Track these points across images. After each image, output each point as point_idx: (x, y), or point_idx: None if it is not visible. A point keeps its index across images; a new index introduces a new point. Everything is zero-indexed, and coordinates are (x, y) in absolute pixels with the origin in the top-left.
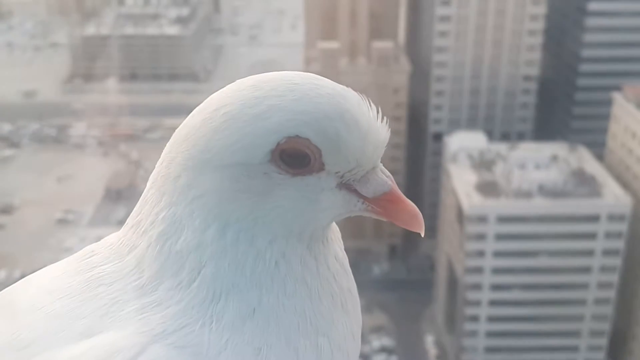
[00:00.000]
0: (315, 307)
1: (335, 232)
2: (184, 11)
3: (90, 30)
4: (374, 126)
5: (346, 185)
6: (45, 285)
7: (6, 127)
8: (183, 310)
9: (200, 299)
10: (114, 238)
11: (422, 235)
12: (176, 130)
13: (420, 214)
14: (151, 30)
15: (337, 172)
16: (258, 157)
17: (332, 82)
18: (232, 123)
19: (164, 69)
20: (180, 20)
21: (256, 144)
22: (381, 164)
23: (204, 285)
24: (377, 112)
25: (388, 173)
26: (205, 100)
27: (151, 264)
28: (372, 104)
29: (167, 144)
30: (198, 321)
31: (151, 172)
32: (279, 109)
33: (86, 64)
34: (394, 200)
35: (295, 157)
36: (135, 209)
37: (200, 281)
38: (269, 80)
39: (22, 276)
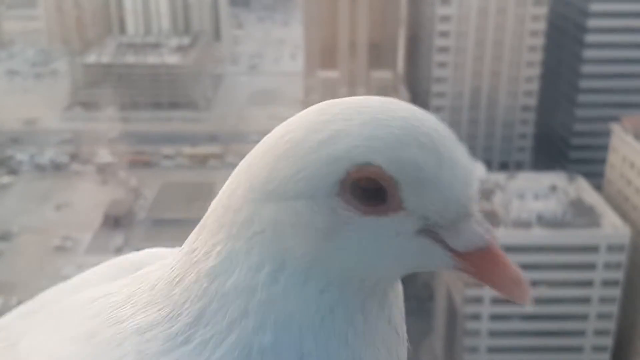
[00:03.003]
0: None
1: (397, 291)
2: (185, 40)
3: (91, 58)
4: (460, 157)
5: (431, 233)
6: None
7: (5, 154)
8: None
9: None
10: (167, 254)
11: (528, 306)
12: (245, 159)
13: (525, 280)
14: (152, 59)
15: (420, 215)
16: (325, 188)
17: (411, 105)
18: (296, 150)
19: (164, 98)
20: (180, 50)
21: (322, 174)
22: (478, 213)
23: (242, 341)
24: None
25: (487, 225)
26: (275, 127)
27: (192, 306)
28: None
29: (233, 173)
30: None
31: (151, 200)
32: (346, 134)
33: (87, 92)
34: (493, 260)
35: (369, 191)
36: (193, 232)
37: (239, 334)
38: (338, 104)
39: (20, 303)
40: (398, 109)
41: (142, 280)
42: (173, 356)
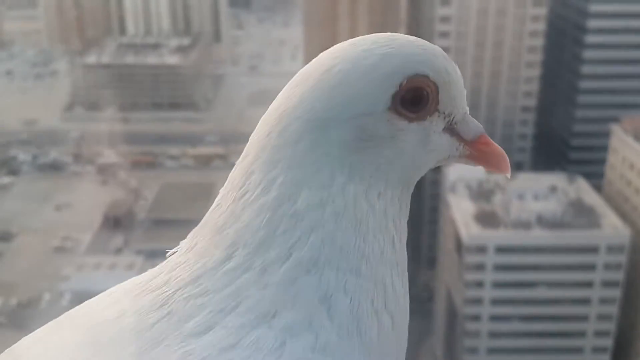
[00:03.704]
0: (393, 277)
1: None
2: (185, 41)
3: (91, 59)
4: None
5: (450, 129)
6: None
7: (5, 155)
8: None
9: (292, 274)
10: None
11: (509, 177)
12: (277, 104)
13: (506, 155)
14: (152, 59)
15: (445, 114)
16: (381, 103)
17: None
18: (351, 76)
19: (165, 98)
20: (181, 50)
21: (378, 91)
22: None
23: (309, 254)
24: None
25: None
26: (304, 68)
27: (252, 237)
28: None
29: (267, 117)
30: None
31: (151, 201)
32: (392, 55)
33: (87, 92)
34: (488, 143)
35: (414, 100)
36: (229, 184)
37: (307, 250)
38: (365, 39)
39: (19, 304)
40: (411, 36)
41: (172, 260)
42: (230, 289)
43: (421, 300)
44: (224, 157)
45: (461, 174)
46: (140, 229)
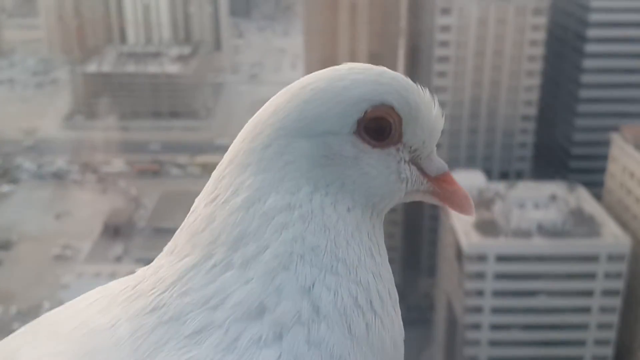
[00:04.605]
0: (377, 283)
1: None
2: (185, 50)
3: (92, 67)
4: (437, 108)
5: (415, 163)
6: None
7: (6, 163)
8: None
9: (271, 268)
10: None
11: (473, 217)
12: (256, 114)
13: (470, 196)
14: (152, 68)
15: (411, 147)
16: (347, 126)
17: None
18: (323, 94)
19: (165, 107)
20: (181, 59)
21: (345, 114)
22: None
23: (282, 248)
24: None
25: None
26: (287, 86)
27: (229, 235)
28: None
29: (246, 126)
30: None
31: (151, 209)
32: (363, 82)
33: (87, 101)
34: (451, 182)
35: (377, 129)
36: (204, 190)
37: (280, 243)
38: (348, 64)
39: (19, 313)
40: (390, 69)
41: (148, 268)
42: (215, 285)
43: (421, 309)
44: None
45: (461, 182)
46: (140, 238)
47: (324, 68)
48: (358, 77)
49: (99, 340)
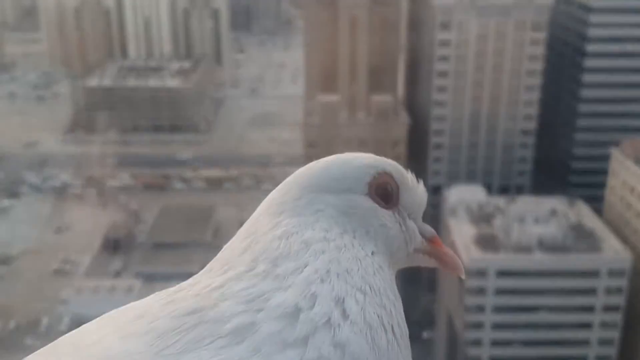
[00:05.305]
0: (396, 314)
1: None
2: (186, 64)
3: (93, 81)
4: (421, 183)
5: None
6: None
7: (6, 177)
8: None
9: (309, 279)
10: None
11: (463, 277)
12: (282, 183)
13: (458, 258)
14: (153, 82)
15: (406, 210)
16: (360, 187)
17: None
18: (340, 162)
19: (166, 121)
20: (182, 73)
21: (360, 175)
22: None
23: (321, 265)
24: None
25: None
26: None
27: (272, 253)
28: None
29: (276, 190)
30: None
31: (151, 223)
32: (367, 157)
33: (88, 115)
34: (440, 244)
35: (384, 194)
36: (237, 234)
37: (319, 262)
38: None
39: (17, 327)
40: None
41: (189, 283)
42: (256, 289)
43: (422, 325)
44: (225, 180)
45: (461, 197)
46: (140, 252)
47: (324, 82)
48: (362, 155)
49: (137, 328)
